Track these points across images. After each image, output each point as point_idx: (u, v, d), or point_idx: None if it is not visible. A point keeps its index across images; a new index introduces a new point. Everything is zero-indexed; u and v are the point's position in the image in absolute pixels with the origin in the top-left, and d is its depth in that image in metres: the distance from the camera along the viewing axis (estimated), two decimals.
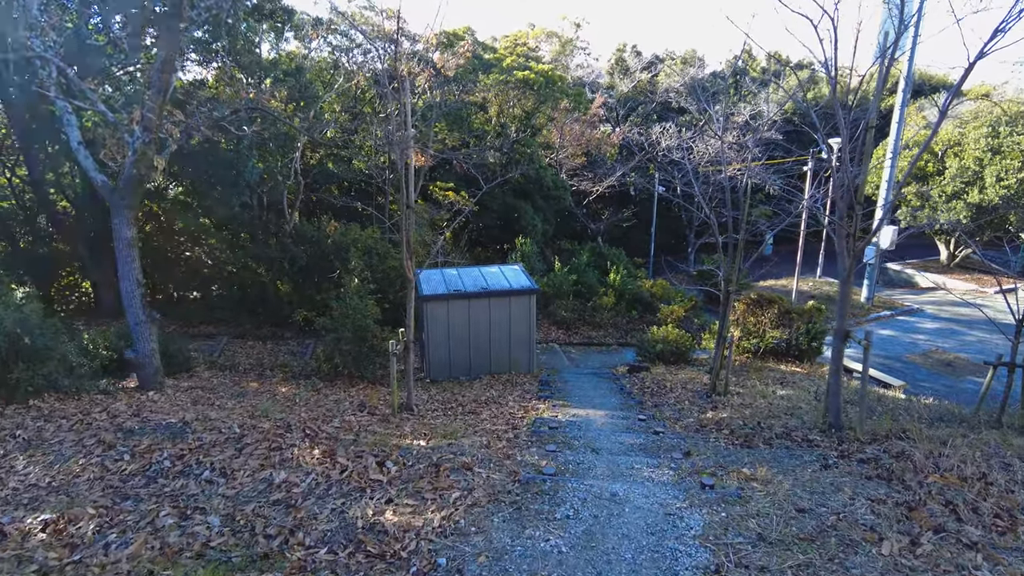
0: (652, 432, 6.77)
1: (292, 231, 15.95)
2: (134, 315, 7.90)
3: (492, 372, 12.51)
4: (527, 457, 5.24)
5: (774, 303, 15.44)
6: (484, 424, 7.20)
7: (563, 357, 16.28)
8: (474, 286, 12.48)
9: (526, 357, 12.73)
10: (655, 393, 11.03)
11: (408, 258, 7.44)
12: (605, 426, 7.01)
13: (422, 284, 12.49)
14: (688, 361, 14.97)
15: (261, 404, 7.50)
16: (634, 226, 29.13)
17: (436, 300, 11.97)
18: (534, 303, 12.50)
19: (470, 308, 12.21)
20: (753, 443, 6.45)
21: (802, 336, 15.06)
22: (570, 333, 18.23)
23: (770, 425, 7.39)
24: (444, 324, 12.11)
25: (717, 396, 10.82)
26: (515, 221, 22.52)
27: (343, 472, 4.78)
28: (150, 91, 7.56)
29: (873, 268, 21.63)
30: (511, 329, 12.51)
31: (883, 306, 22.38)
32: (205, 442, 5.39)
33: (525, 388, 10.97)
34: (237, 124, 11.52)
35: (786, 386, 12.39)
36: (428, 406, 8.56)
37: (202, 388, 8.77)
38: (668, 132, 24.53)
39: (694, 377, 13.13)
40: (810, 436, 6.63)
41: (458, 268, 13.89)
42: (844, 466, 5.26)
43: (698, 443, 6.41)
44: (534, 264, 19.96)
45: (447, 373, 12.36)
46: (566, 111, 23.28)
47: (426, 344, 12.17)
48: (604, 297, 19.10)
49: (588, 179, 26.27)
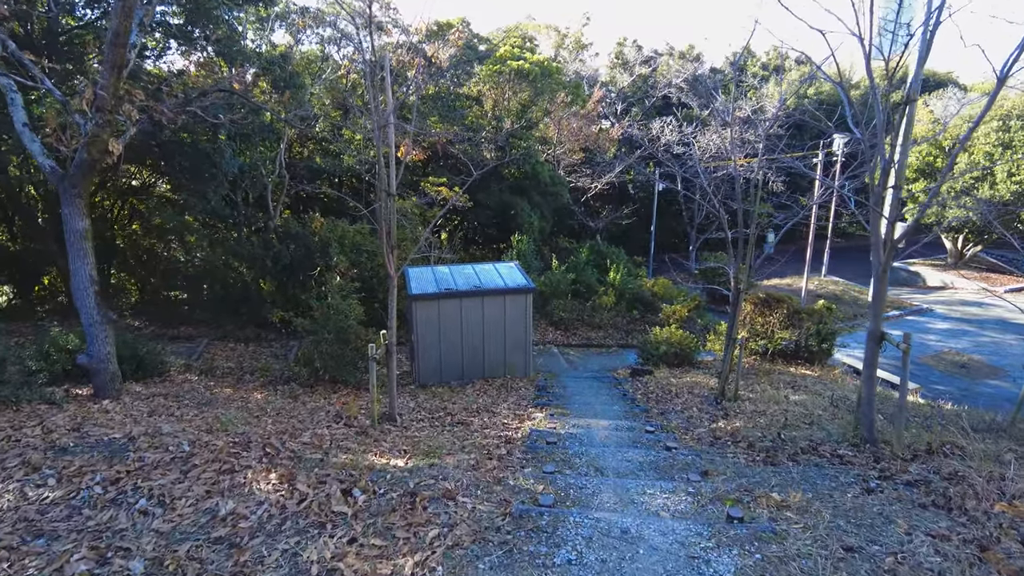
0: (663, 447, 6.02)
1: (276, 227, 15.17)
2: (87, 315, 7.13)
3: (486, 376, 11.76)
4: (521, 481, 4.49)
5: (783, 303, 14.72)
6: (474, 437, 6.45)
7: (561, 359, 15.54)
8: (466, 284, 11.73)
9: (522, 360, 11.98)
10: (660, 399, 10.29)
11: (389, 253, 6.69)
12: (609, 440, 6.26)
13: (411, 282, 11.73)
14: (693, 364, 14.24)
15: (226, 414, 6.74)
16: (634, 224, 28.42)
17: (426, 299, 11.22)
18: (531, 303, 11.75)
19: (462, 308, 11.46)
20: (777, 459, 5.71)
21: (812, 337, 14.34)
22: (568, 334, 17.49)
23: (792, 438, 6.65)
24: (435, 325, 11.36)
25: (727, 402, 10.11)
26: (511, 219, 21.78)
27: (302, 502, 4.02)
28: (103, 67, 6.79)
29: None
30: (506, 330, 11.76)
31: (891, 306, 21.68)
32: (147, 463, 4.63)
33: (521, 394, 10.22)
34: (212, 111, 10.74)
35: (798, 391, 11.69)
36: (414, 416, 7.80)
37: (166, 395, 8.00)
38: (669, 126, 23.81)
39: (700, 381, 12.41)
40: (840, 451, 5.89)
41: (450, 265, 13.13)
42: (890, 490, 4.52)
43: (715, 460, 5.67)
44: (531, 262, 19.22)
45: (438, 377, 11.61)
46: (564, 104, 22.54)
47: (415, 347, 11.42)
48: (604, 296, 18.37)
49: (586, 175, 25.54)
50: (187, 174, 12.23)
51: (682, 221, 29.25)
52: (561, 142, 25.19)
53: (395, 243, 6.78)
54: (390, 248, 6.70)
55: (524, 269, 17.84)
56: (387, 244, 6.68)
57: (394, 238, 6.75)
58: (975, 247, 26.97)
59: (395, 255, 6.78)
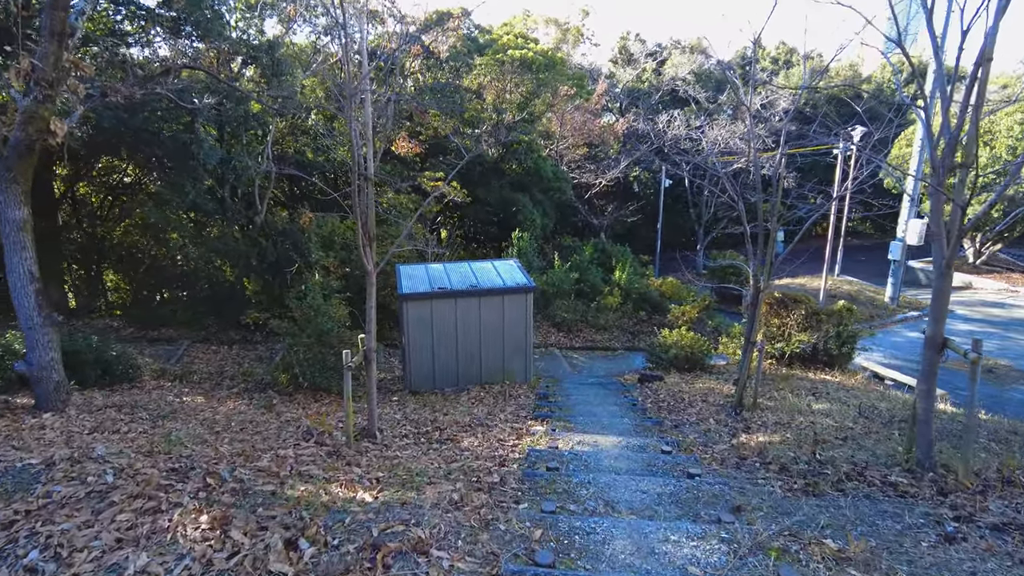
0: (683, 473, 5.14)
1: (263, 223, 14.32)
2: (26, 317, 6.28)
3: (483, 382, 10.90)
4: (514, 524, 3.61)
5: (800, 303, 13.81)
6: (463, 458, 5.58)
7: (564, 363, 14.67)
8: (462, 283, 10.86)
9: (522, 365, 11.11)
10: (673, 409, 9.41)
11: (367, 246, 5.82)
12: (620, 462, 5.38)
13: (402, 280, 10.88)
14: (705, 368, 13.34)
15: (179, 431, 5.88)
16: (639, 222, 27.52)
17: (417, 299, 10.36)
18: (531, 303, 10.88)
19: (457, 308, 10.60)
20: (819, 488, 4.82)
21: (832, 340, 13.43)
22: (572, 336, 16.60)
23: (831, 459, 5.76)
24: (427, 327, 10.50)
25: (746, 412, 9.23)
26: (512, 216, 20.89)
27: (233, 556, 3.16)
28: (42, 35, 5.95)
29: (899, 266, 19.99)
30: (504, 333, 10.90)
31: (909, 306, 20.74)
32: (55, 499, 3.78)
33: (520, 402, 9.35)
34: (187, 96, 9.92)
35: (820, 398, 10.79)
36: (398, 430, 6.93)
37: (122, 407, 7.15)
38: (676, 120, 22.89)
39: (714, 387, 11.52)
40: (892, 478, 5.01)
41: (445, 263, 12.27)
42: (974, 537, 3.63)
43: (745, 489, 4.78)
44: (532, 261, 18.34)
45: (431, 384, 10.75)
46: (567, 97, 21.66)
47: (406, 350, 10.56)
48: (609, 296, 17.48)
49: (590, 171, 24.65)
50: (163, 165, 11.39)
51: (689, 219, 28.33)
52: (564, 137, 24.32)
53: (374, 235, 5.92)
54: (368, 241, 5.84)
55: (525, 267, 16.97)
56: (364, 236, 5.82)
57: (372, 230, 5.89)
58: (993, 246, 25.98)
59: (374, 249, 5.92)
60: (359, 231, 5.50)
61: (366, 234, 5.82)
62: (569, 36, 29.18)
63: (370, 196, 5.83)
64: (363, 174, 5.73)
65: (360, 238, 5.53)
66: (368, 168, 5.72)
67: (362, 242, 5.62)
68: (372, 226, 5.90)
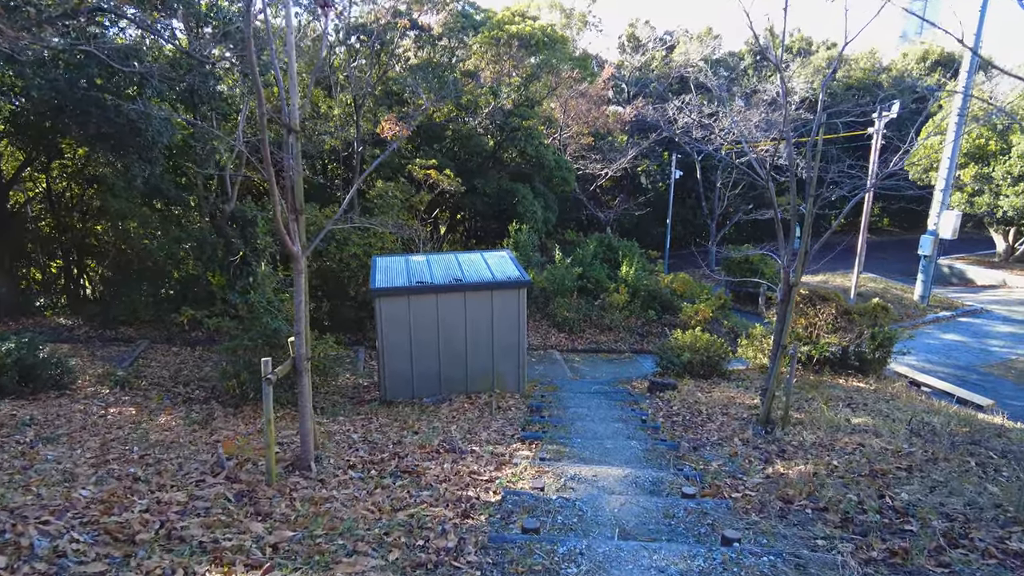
0: (714, 533, 3.70)
1: (232, 212, 12.95)
2: None
3: (469, 391, 9.49)
4: None
5: (830, 301, 12.33)
6: (417, 503, 4.17)
7: (565, 367, 13.23)
8: (445, 277, 9.45)
9: (513, 371, 9.69)
10: (689, 424, 7.96)
11: (293, 221, 4.42)
12: (627, 513, 3.95)
13: (376, 274, 9.48)
14: (722, 374, 11.88)
15: (47, 462, 4.49)
16: (647, 217, 26.02)
17: (392, 295, 8.95)
18: (524, 299, 9.45)
19: (439, 306, 9.18)
20: (914, 561, 3.37)
21: (866, 342, 11.94)
22: (574, 337, 15.15)
23: (909, 505, 4.30)
24: (404, 327, 9.09)
25: (777, 429, 7.79)
26: (512, 208, 19.46)
27: None
28: None
29: (930, 262, 18.42)
30: (494, 334, 9.47)
31: (940, 306, 19.16)
32: None
33: (509, 416, 7.93)
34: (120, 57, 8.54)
35: (858, 410, 9.34)
36: (348, 456, 5.52)
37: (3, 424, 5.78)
38: (688, 106, 21.38)
39: (735, 397, 10.08)
40: (1014, 544, 3.55)
41: (429, 254, 10.87)
42: None
43: (805, 562, 3.33)
44: (531, 255, 16.91)
45: (408, 392, 9.34)
46: (571, 81, 20.19)
47: (380, 354, 9.15)
48: (615, 294, 16.02)
49: (596, 161, 23.18)
50: (107, 143, 10.04)
51: (700, 213, 26.80)
52: (568, 125, 22.86)
53: (302, 206, 4.51)
54: (293, 214, 4.43)
55: (523, 262, 15.52)
56: (287, 206, 4.41)
57: (300, 199, 4.48)
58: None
59: (302, 225, 4.51)
60: (274, 198, 4.08)
61: (290, 204, 4.42)
62: (574, 22, 27.71)
63: (296, 153, 4.42)
64: (286, 124, 4.33)
65: (276, 212, 4.11)
66: (291, 115, 4.31)
67: (277, 215, 4.20)
68: (299, 194, 4.49)
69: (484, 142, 20.03)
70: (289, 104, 4.33)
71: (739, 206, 25.66)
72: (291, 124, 4.35)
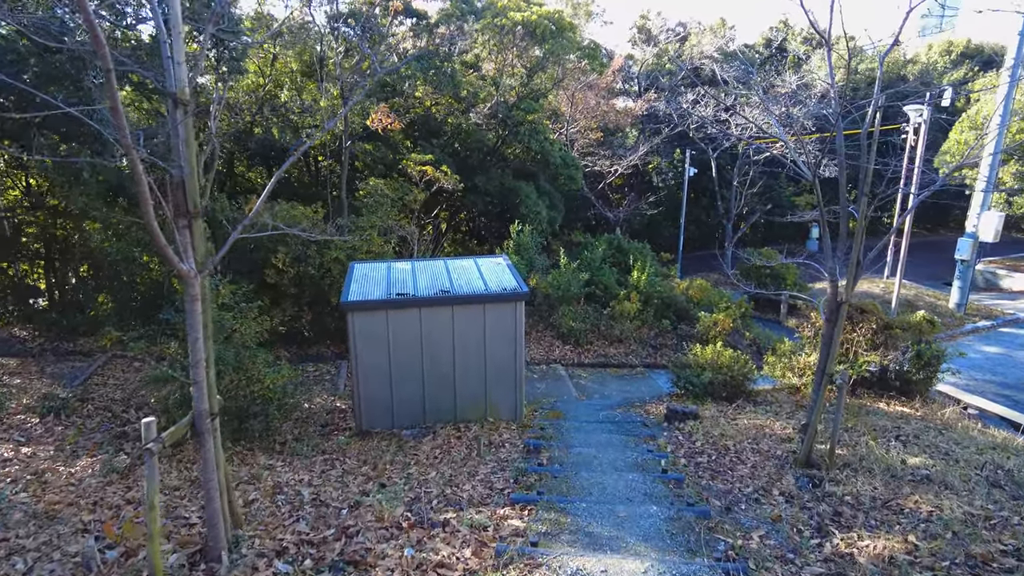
0: None
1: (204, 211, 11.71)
2: None
3: (457, 420, 8.21)
4: None
5: (869, 314, 10.95)
6: None
7: (570, 385, 11.92)
8: (430, 288, 8.18)
9: (510, 396, 8.40)
10: (717, 469, 6.65)
11: (186, 226, 3.15)
12: None
13: (351, 284, 8.22)
14: (747, 395, 10.54)
15: None
16: (659, 217, 24.64)
17: (368, 309, 7.69)
18: (521, 313, 8.15)
19: (423, 322, 7.91)
20: None
21: (911, 361, 10.57)
22: (580, 350, 13.83)
23: None
24: (382, 346, 7.82)
25: (819, 472, 6.51)
26: (515, 207, 18.14)
27: None
28: None
29: (968, 267, 16.96)
30: (487, 353, 8.19)
31: (979, 314, 17.69)
32: None
33: (501, 457, 6.64)
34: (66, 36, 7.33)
35: (910, 446, 7.99)
36: (283, 533, 4.24)
37: None
38: (704, 98, 19.98)
39: (764, 426, 8.75)
40: None
41: (415, 260, 9.59)
42: None
43: None
44: (534, 259, 15.59)
45: (388, 421, 8.08)
46: (578, 71, 18.86)
47: (354, 378, 7.90)
48: (625, 302, 14.68)
49: (604, 157, 21.82)
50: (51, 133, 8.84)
51: (715, 213, 25.39)
52: (575, 119, 21.52)
53: (199, 206, 3.24)
54: (184, 219, 3.17)
55: (525, 266, 14.20)
56: (181, 206, 3.15)
57: (195, 197, 3.21)
58: None
59: (197, 232, 3.25)
60: (141, 195, 2.80)
61: (178, 206, 3.15)
62: (580, 12, 26.34)
63: (188, 134, 3.14)
64: (171, 93, 3.05)
65: (147, 212, 2.83)
66: (178, 79, 3.03)
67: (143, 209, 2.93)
68: (194, 192, 3.22)
69: (485, 137, 18.74)
70: (175, 63, 3.05)
71: (756, 206, 24.26)
72: (178, 94, 3.07)
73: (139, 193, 2.83)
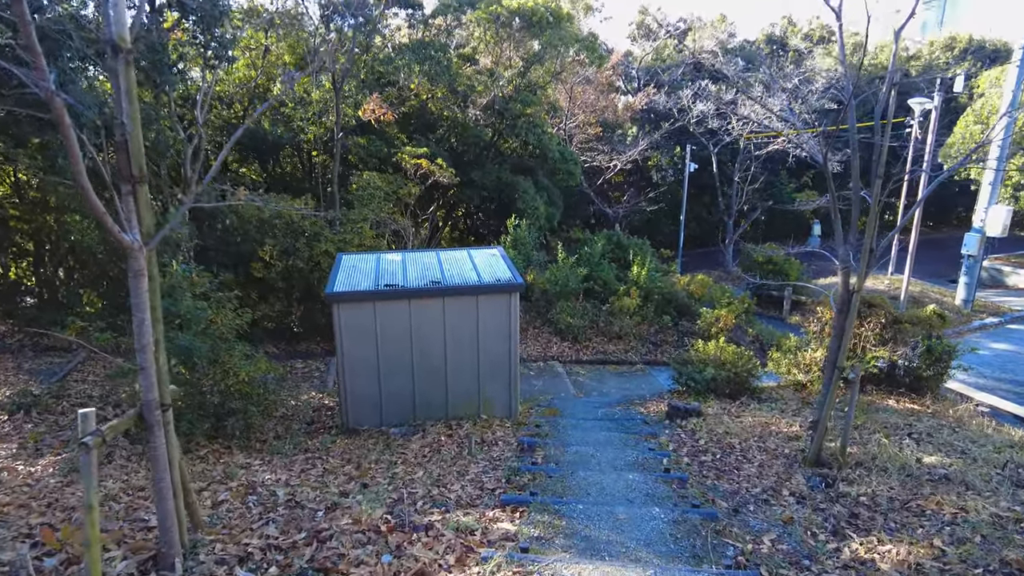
0: None
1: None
2: None
3: (449, 417, 7.84)
4: None
5: (877, 308, 10.59)
6: None
7: (567, 382, 11.55)
8: (421, 279, 7.80)
9: (504, 392, 8.03)
10: (722, 468, 6.28)
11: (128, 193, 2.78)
12: None
13: (337, 274, 7.84)
14: (752, 392, 10.17)
15: None
16: (659, 214, 24.28)
17: (354, 301, 7.32)
18: (516, 305, 7.78)
19: (412, 314, 7.54)
20: None
21: (921, 357, 10.20)
22: (578, 347, 13.46)
23: None
24: (369, 339, 7.45)
25: (831, 472, 6.15)
26: (512, 203, 17.76)
27: None
28: None
29: (975, 262, 16.60)
30: (480, 348, 7.82)
31: (986, 311, 17.33)
32: None
33: (493, 456, 6.26)
34: None
35: (923, 444, 7.64)
36: (248, 537, 3.87)
37: None
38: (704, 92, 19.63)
39: (769, 423, 8.39)
40: None
41: (406, 251, 9.22)
42: None
43: None
44: (531, 254, 15.23)
45: (376, 418, 7.70)
46: (577, 64, 18.49)
47: (340, 373, 7.52)
48: (625, 298, 14.31)
49: (604, 153, 21.45)
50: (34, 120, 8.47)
51: (716, 209, 25.03)
52: (574, 114, 21.16)
53: (143, 173, 2.87)
54: (128, 183, 2.80)
55: (523, 262, 13.84)
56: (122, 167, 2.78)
57: (140, 158, 2.84)
58: None
59: (143, 199, 2.87)
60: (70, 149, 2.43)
61: (123, 166, 2.78)
62: (578, 5, 26.00)
63: (130, 85, 2.77)
64: (109, 39, 2.68)
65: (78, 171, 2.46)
66: (118, 23, 2.66)
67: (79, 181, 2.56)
68: (138, 152, 2.84)
69: (482, 132, 18.37)
70: (112, 4, 2.68)
71: (757, 203, 23.89)
72: (117, 39, 2.70)
73: (67, 147, 2.45)
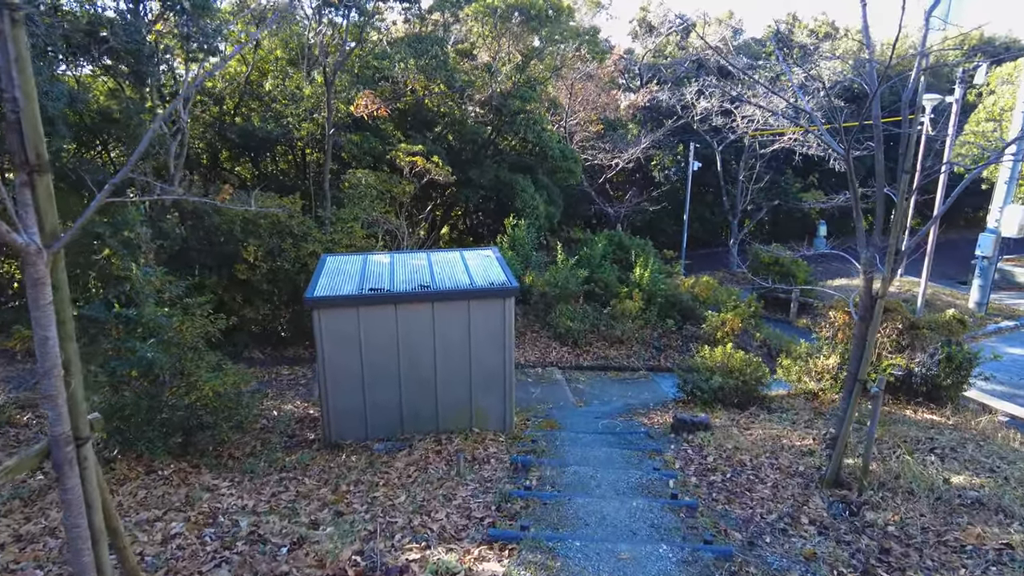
0: None
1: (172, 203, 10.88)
2: None
3: (440, 430, 7.32)
4: None
5: (893, 312, 10.05)
6: None
7: (566, 390, 11.03)
8: (409, 283, 7.29)
9: (498, 403, 7.51)
10: (733, 489, 5.76)
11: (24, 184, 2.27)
12: None
13: (319, 277, 7.34)
14: (761, 401, 9.65)
15: None
16: (662, 213, 23.73)
17: (336, 306, 6.81)
18: (511, 311, 7.26)
19: (399, 320, 7.02)
20: None
21: (941, 364, 9.66)
22: (578, 351, 12.93)
23: None
24: (353, 348, 6.94)
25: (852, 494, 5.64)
26: (511, 202, 17.25)
27: None
28: None
29: (990, 264, 16.05)
30: (472, 356, 7.30)
31: (1001, 314, 16.78)
32: None
33: (484, 477, 5.74)
34: None
35: (948, 460, 7.09)
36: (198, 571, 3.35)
37: None
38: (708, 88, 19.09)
39: (780, 436, 7.86)
40: None
41: (395, 252, 8.71)
42: None
43: None
44: (530, 254, 14.71)
45: (362, 431, 7.20)
46: (578, 60, 17.97)
47: (321, 383, 7.02)
48: (627, 300, 13.78)
49: (605, 151, 20.93)
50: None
51: (720, 209, 24.48)
52: (575, 111, 20.64)
53: (43, 161, 2.36)
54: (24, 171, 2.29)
55: (521, 262, 13.33)
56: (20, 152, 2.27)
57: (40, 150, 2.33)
58: None
59: (44, 190, 2.37)
60: None
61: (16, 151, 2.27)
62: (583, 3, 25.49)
63: (21, 52, 2.26)
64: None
65: None
66: None
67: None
68: (36, 132, 2.34)
69: (480, 129, 17.86)
70: None
71: (762, 202, 23.36)
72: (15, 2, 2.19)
73: None
